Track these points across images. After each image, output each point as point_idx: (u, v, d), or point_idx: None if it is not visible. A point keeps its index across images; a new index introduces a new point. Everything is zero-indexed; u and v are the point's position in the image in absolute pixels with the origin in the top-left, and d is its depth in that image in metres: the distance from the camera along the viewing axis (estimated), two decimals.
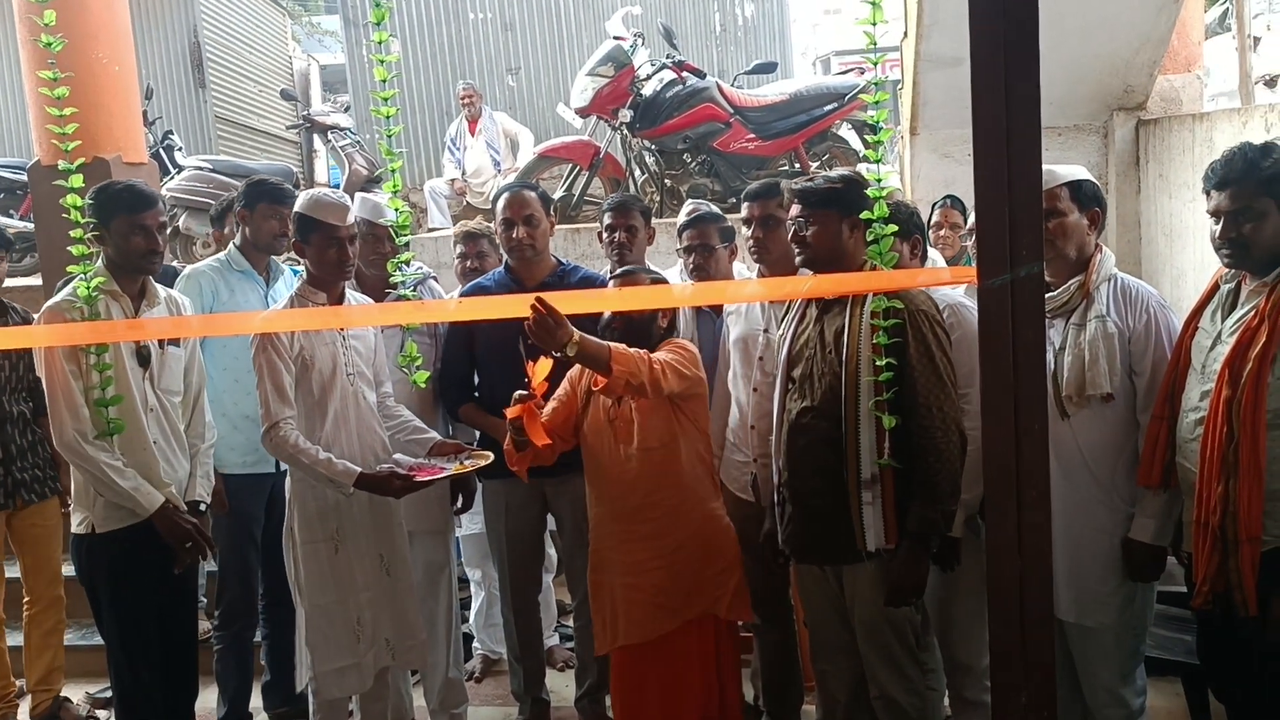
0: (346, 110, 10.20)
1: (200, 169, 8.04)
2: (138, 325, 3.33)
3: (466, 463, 3.44)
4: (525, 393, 3.10)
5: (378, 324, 3.65)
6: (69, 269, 3.25)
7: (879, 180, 2.87)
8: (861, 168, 4.24)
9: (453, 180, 8.85)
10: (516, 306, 2.99)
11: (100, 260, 3.33)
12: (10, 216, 8.37)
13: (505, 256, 3.91)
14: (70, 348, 3.20)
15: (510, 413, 3.13)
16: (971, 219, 3.93)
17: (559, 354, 2.94)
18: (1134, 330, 2.97)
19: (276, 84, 12.98)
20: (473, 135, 8.92)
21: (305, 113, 9.71)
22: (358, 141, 9.41)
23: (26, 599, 4.31)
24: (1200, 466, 2.73)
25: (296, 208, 3.46)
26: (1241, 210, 2.66)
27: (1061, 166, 3.09)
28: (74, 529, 3.39)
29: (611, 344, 3.06)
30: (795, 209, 3.06)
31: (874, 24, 2.70)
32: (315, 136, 11.31)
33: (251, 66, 12.61)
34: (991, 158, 2.63)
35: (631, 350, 3.09)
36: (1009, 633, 2.72)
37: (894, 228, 2.96)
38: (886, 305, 2.87)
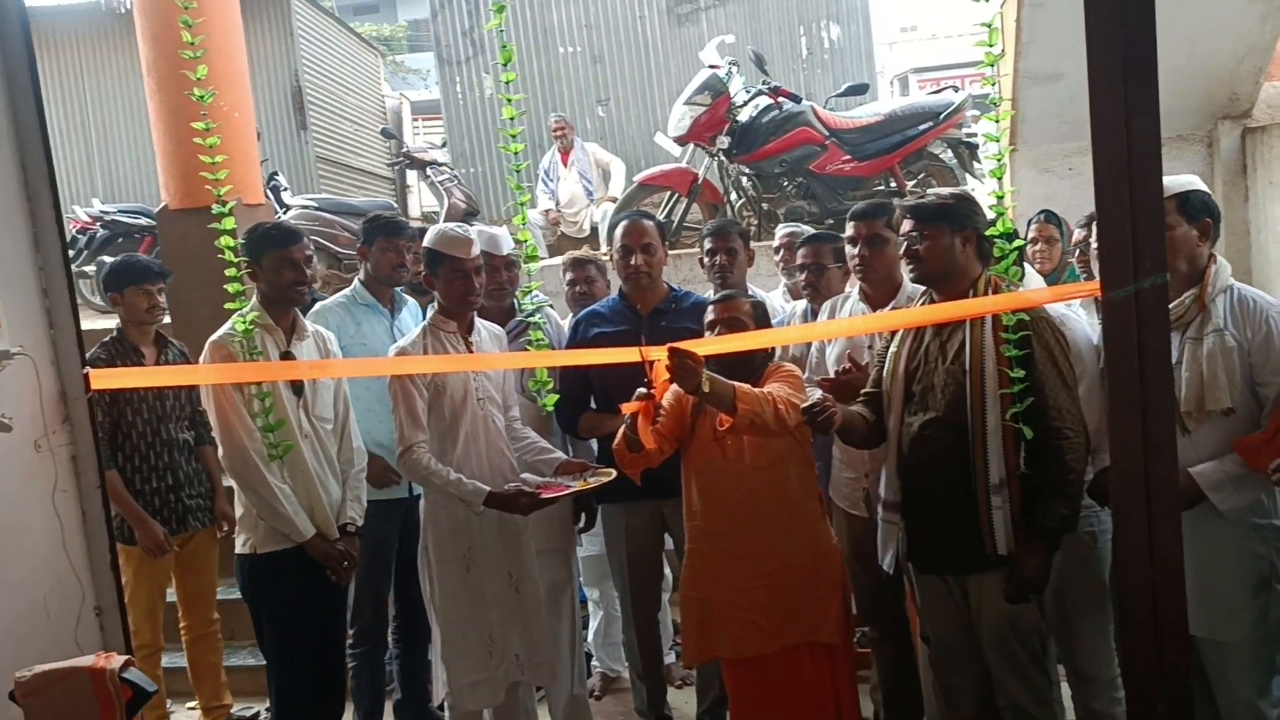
0: (443, 146, 10.48)
1: (307, 208, 8.33)
2: (291, 367, 3.55)
3: (591, 480, 3.54)
4: (646, 391, 3.19)
5: (505, 366, 3.79)
6: (226, 306, 3.47)
7: (1000, 197, 2.93)
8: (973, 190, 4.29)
9: (547, 211, 9.03)
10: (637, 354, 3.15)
11: (255, 296, 3.55)
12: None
13: (621, 283, 4.02)
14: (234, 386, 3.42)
15: (628, 407, 3.23)
16: (1077, 233, 3.94)
17: (693, 394, 3.07)
18: (1254, 343, 2.95)
19: (372, 123, 13.36)
20: (565, 166, 9.10)
21: (405, 149, 9.98)
22: (455, 176, 9.66)
23: (184, 624, 4.50)
24: None
25: (425, 243, 3.62)
26: None
27: (1169, 178, 3.09)
28: (238, 549, 3.60)
29: (737, 384, 3.15)
30: (908, 225, 3.10)
31: (991, 45, 2.77)
32: (409, 172, 11.64)
33: (348, 107, 13.01)
34: (1112, 171, 2.69)
35: (755, 391, 3.17)
36: (1143, 643, 2.74)
37: (1020, 242, 3.02)
38: (1015, 319, 2.92)
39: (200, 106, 3.34)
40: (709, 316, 3.49)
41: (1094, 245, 3.45)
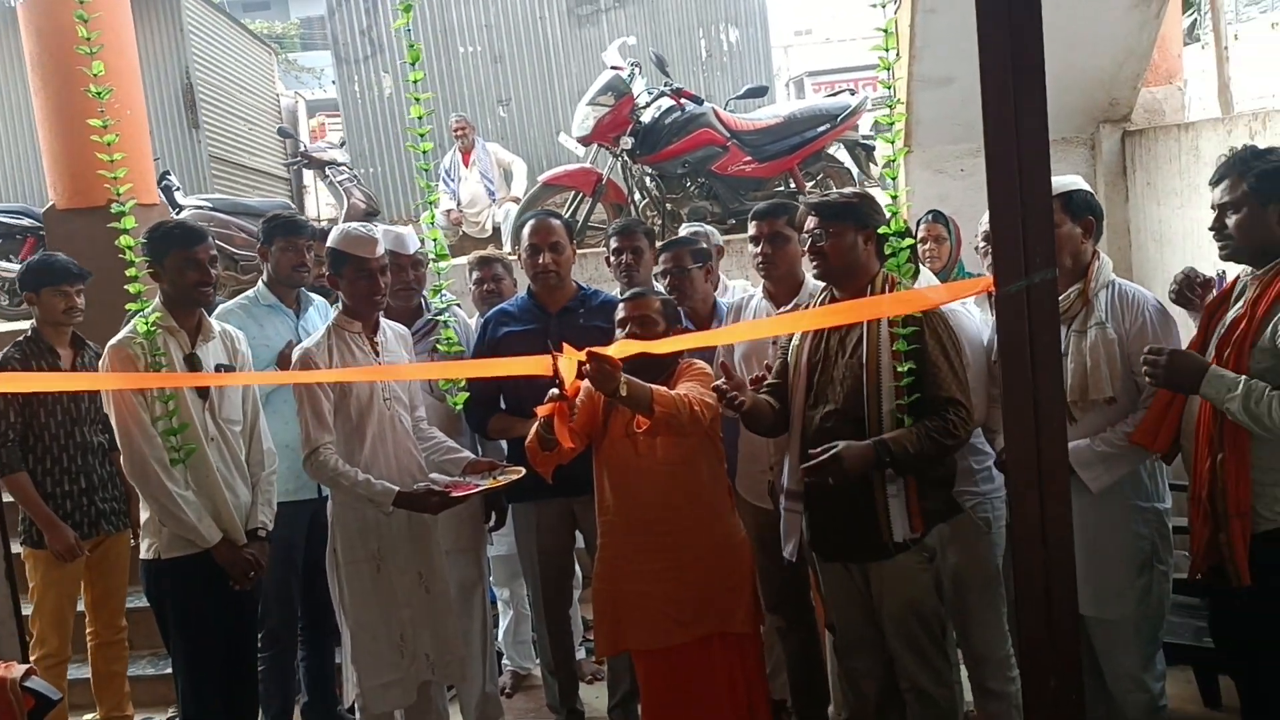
0: (341, 145, 10.34)
1: (201, 208, 8.14)
2: (199, 378, 3.49)
3: (500, 478, 3.55)
4: (558, 392, 3.20)
5: (423, 377, 3.81)
6: (128, 307, 3.39)
7: (894, 196, 3.04)
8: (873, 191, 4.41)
9: (449, 211, 8.98)
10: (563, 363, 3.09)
11: (158, 297, 3.47)
12: (10, 260, 8.41)
13: (529, 282, 4.04)
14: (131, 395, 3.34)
15: (542, 410, 3.24)
16: (982, 229, 4.07)
17: (611, 397, 3.12)
18: (1131, 333, 3.10)
19: (266, 122, 13.12)
20: (466, 166, 9.06)
21: (302, 149, 9.81)
22: (354, 176, 9.54)
23: (91, 629, 4.38)
24: (1194, 444, 2.88)
25: (329, 243, 3.59)
26: (1230, 203, 2.83)
27: (1054, 178, 3.23)
28: (143, 555, 3.52)
29: (654, 386, 3.20)
30: (812, 222, 3.18)
31: (887, 49, 2.88)
32: (306, 172, 11.45)
33: (242, 105, 12.75)
34: (1003, 171, 2.81)
35: (670, 393, 3.23)
36: (1037, 621, 2.87)
37: (910, 241, 3.13)
38: (906, 314, 3.02)
39: (93, 103, 3.26)
40: (620, 314, 3.52)
41: (979, 240, 3.63)
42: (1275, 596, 2.79)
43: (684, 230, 4.27)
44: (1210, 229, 2.92)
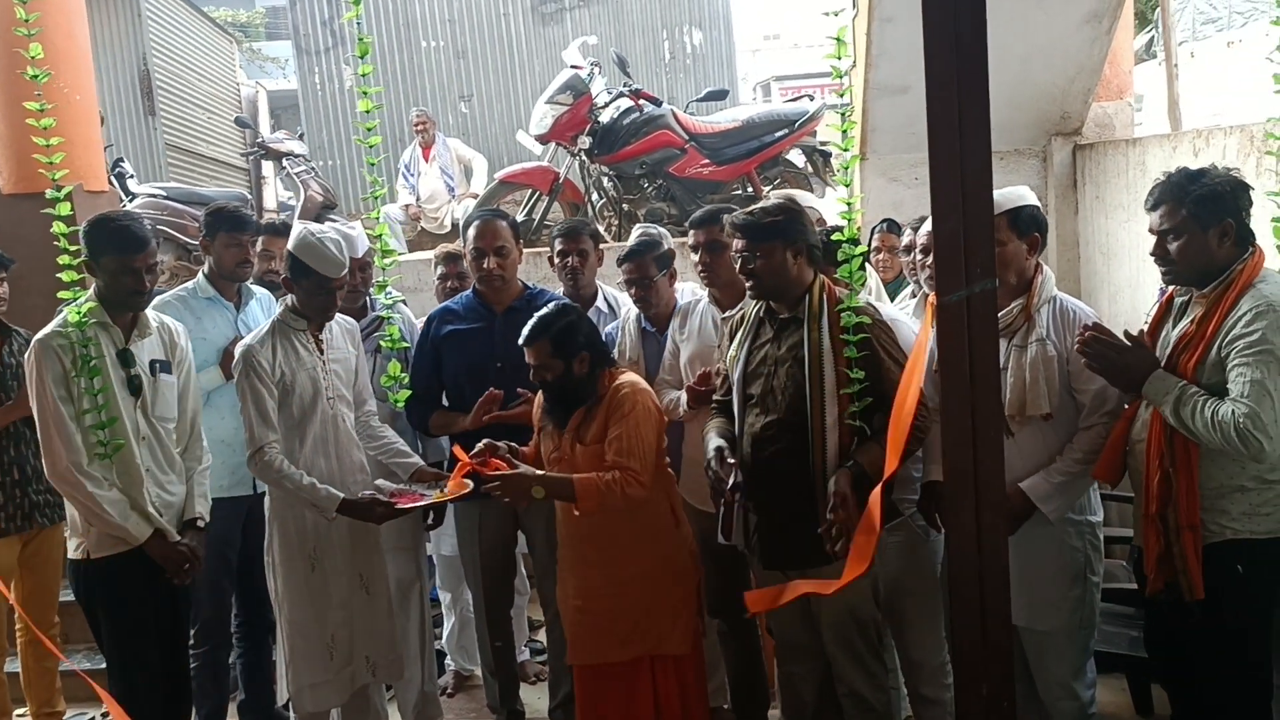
0: (300, 137, 10.24)
1: (154, 196, 8.04)
2: None
3: (446, 490, 3.53)
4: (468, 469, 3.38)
5: None
6: (59, 295, 3.32)
7: (849, 203, 3.06)
8: (799, 195, 4.42)
9: (407, 206, 8.94)
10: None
11: (93, 289, 3.39)
12: None
13: (474, 280, 4.02)
14: (62, 374, 3.26)
15: (452, 488, 3.45)
16: (906, 236, 4.10)
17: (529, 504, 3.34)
18: (1070, 351, 3.13)
19: (225, 111, 12.97)
20: (426, 161, 9.00)
21: (260, 139, 9.71)
22: (312, 168, 9.45)
23: (20, 625, 4.31)
24: (1145, 461, 2.91)
25: (291, 247, 3.52)
26: (1170, 229, 2.86)
27: (1003, 192, 3.25)
28: (70, 554, 3.45)
29: (575, 480, 3.24)
30: (740, 243, 3.18)
31: (839, 58, 2.89)
32: (265, 163, 11.33)
33: (200, 93, 12.61)
34: (946, 183, 2.83)
35: (595, 483, 3.23)
36: (970, 628, 2.90)
37: (863, 248, 3.15)
38: (856, 321, 3.04)
39: (45, 87, 3.22)
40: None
41: (917, 252, 3.65)
42: (1220, 607, 2.83)
43: (636, 232, 4.26)
44: (1152, 254, 2.95)
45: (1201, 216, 2.81)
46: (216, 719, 4.19)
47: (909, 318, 3.61)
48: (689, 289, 4.10)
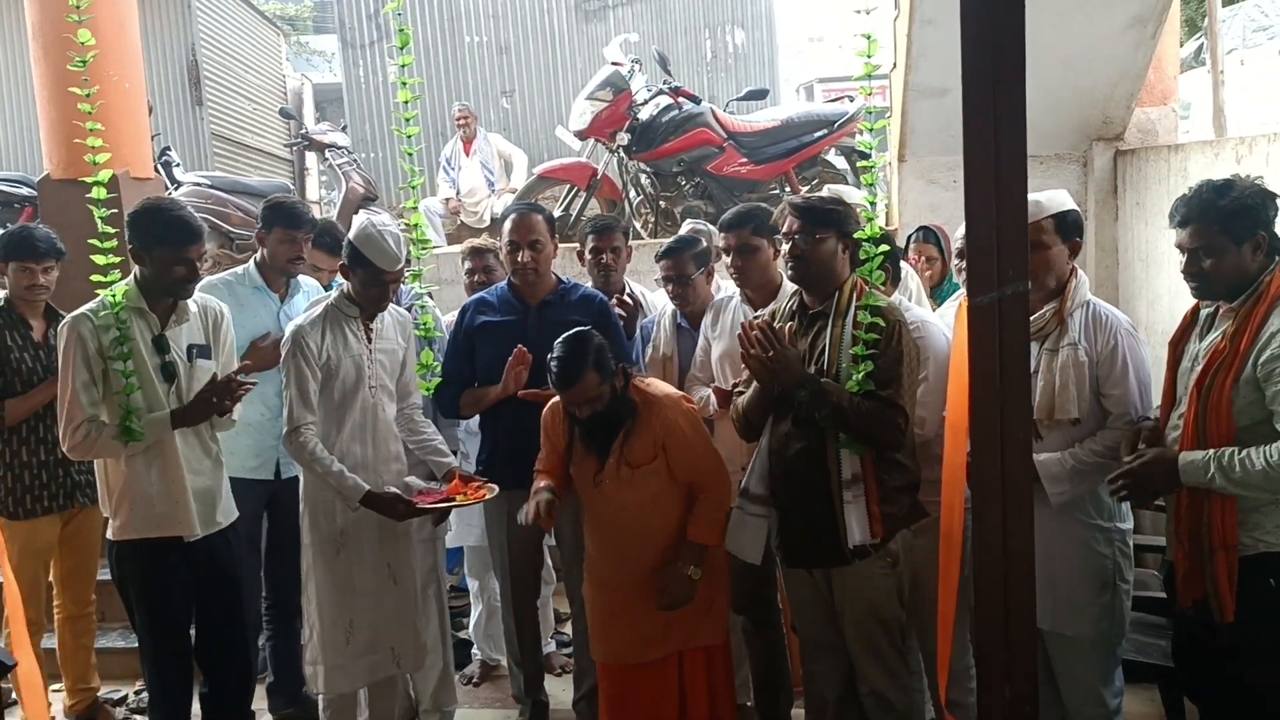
0: (344, 129, 10.34)
1: (199, 185, 8.14)
2: None
3: (474, 494, 3.58)
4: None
5: None
6: (92, 279, 3.38)
7: (871, 203, 3.06)
8: (847, 191, 4.42)
9: (447, 200, 8.99)
10: None
11: (133, 274, 3.45)
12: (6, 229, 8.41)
13: (508, 274, 4.05)
14: (84, 356, 3.32)
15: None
16: (955, 243, 4.09)
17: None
18: (1101, 356, 3.13)
19: (271, 102, 13.10)
20: (467, 156, 9.05)
21: (304, 130, 9.80)
22: (354, 160, 9.55)
23: (58, 602, 4.39)
24: None
25: (352, 235, 3.56)
26: (1202, 247, 2.81)
27: (1046, 194, 3.23)
28: (109, 534, 3.52)
29: (697, 533, 3.35)
30: (795, 224, 3.17)
31: (869, 55, 2.89)
32: (308, 154, 11.46)
33: (247, 85, 12.74)
34: (981, 185, 2.83)
35: (703, 518, 3.35)
36: (994, 631, 2.89)
37: (885, 248, 3.15)
38: (870, 320, 3.05)
39: (94, 75, 3.29)
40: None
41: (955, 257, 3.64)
42: (1251, 622, 2.80)
43: (685, 228, 4.28)
44: (1184, 272, 2.90)
45: (1235, 231, 2.77)
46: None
47: (943, 321, 3.60)
48: (729, 287, 4.11)
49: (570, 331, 3.31)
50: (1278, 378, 2.67)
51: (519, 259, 3.90)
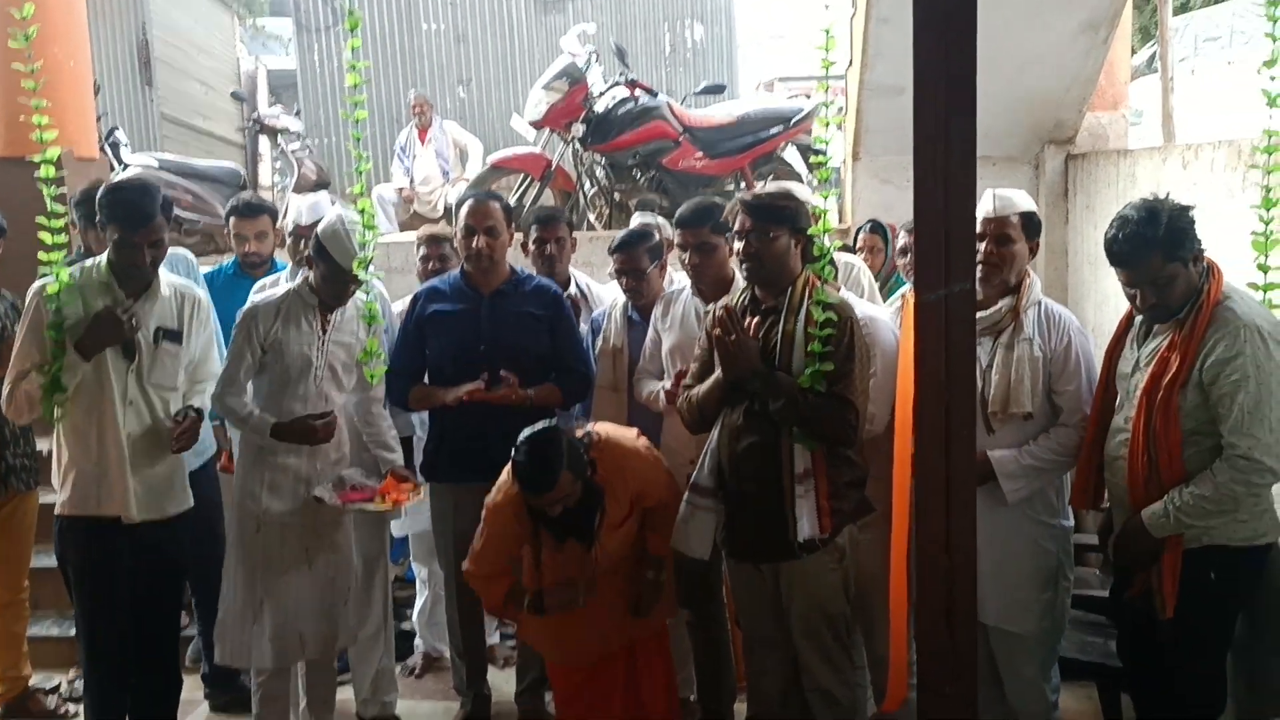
0: (297, 114, 10.21)
1: (148, 167, 7.99)
2: None
3: (388, 499, 3.60)
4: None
5: None
6: (41, 257, 3.32)
7: (825, 197, 3.07)
8: (796, 187, 4.42)
9: (400, 188, 8.91)
10: None
11: (107, 252, 3.41)
12: None
13: (463, 261, 4.01)
14: (37, 331, 3.31)
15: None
16: (901, 239, 4.13)
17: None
18: (1055, 353, 3.19)
19: (223, 85, 12.91)
20: (422, 144, 8.97)
21: (255, 114, 9.67)
22: (307, 146, 9.43)
23: None
24: (1128, 482, 2.94)
25: (320, 229, 3.58)
26: (1150, 283, 2.85)
27: (1010, 192, 3.28)
28: (56, 509, 3.49)
29: (657, 551, 3.41)
30: (746, 222, 3.16)
31: (827, 50, 2.89)
32: (262, 139, 11.29)
33: (199, 67, 12.55)
34: (931, 184, 2.83)
35: (665, 531, 3.37)
36: (936, 628, 2.90)
37: (839, 242, 3.15)
38: (824, 317, 3.05)
39: (36, 52, 3.22)
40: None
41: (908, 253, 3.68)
42: (1195, 612, 2.87)
43: (635, 220, 4.26)
44: (1141, 305, 2.92)
45: (1181, 255, 2.82)
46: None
47: (891, 316, 3.61)
48: (680, 279, 4.10)
49: (535, 431, 3.19)
50: (1222, 381, 2.74)
51: (474, 245, 3.86)
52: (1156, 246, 2.80)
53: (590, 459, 3.27)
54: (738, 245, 3.21)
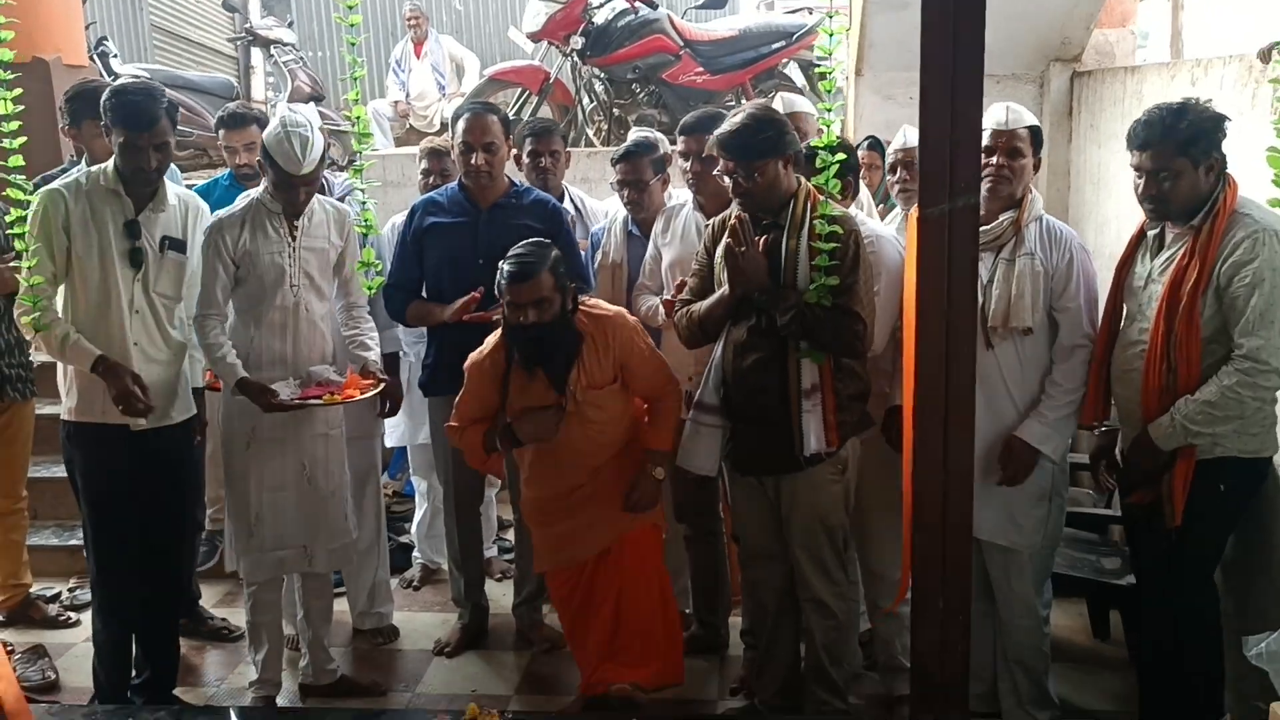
0: (290, 26, 10.01)
1: (138, 79, 7.85)
2: None
3: (337, 395, 3.53)
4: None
5: None
6: (7, 163, 3.29)
7: (829, 109, 3.03)
8: (798, 100, 4.37)
9: (396, 102, 8.81)
10: None
11: (113, 157, 3.37)
12: None
13: (460, 174, 3.95)
14: (48, 242, 3.29)
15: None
16: (890, 158, 4.05)
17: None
18: (1057, 268, 3.18)
19: None
20: (418, 58, 8.85)
21: (248, 25, 9.48)
22: (301, 58, 9.26)
23: None
24: (1143, 395, 2.95)
25: (264, 134, 3.52)
26: (1159, 170, 2.88)
27: (1016, 107, 3.25)
28: (61, 413, 3.50)
29: (659, 441, 3.44)
30: (729, 164, 3.10)
31: None
32: (255, 51, 11.08)
33: None
34: (937, 96, 2.80)
35: (668, 428, 3.44)
36: (931, 542, 2.93)
37: (842, 156, 3.12)
38: (828, 230, 3.02)
39: None
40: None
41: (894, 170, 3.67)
42: (1202, 523, 2.91)
43: (634, 135, 4.20)
44: (1143, 195, 2.95)
45: (1192, 154, 2.85)
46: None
47: (894, 234, 3.58)
48: (681, 194, 4.06)
49: (535, 240, 3.35)
50: (1236, 283, 2.78)
51: (473, 161, 3.81)
52: (1173, 136, 2.84)
53: (575, 304, 3.33)
54: (726, 181, 3.16)
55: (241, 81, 12.23)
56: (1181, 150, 2.84)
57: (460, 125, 3.86)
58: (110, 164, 3.38)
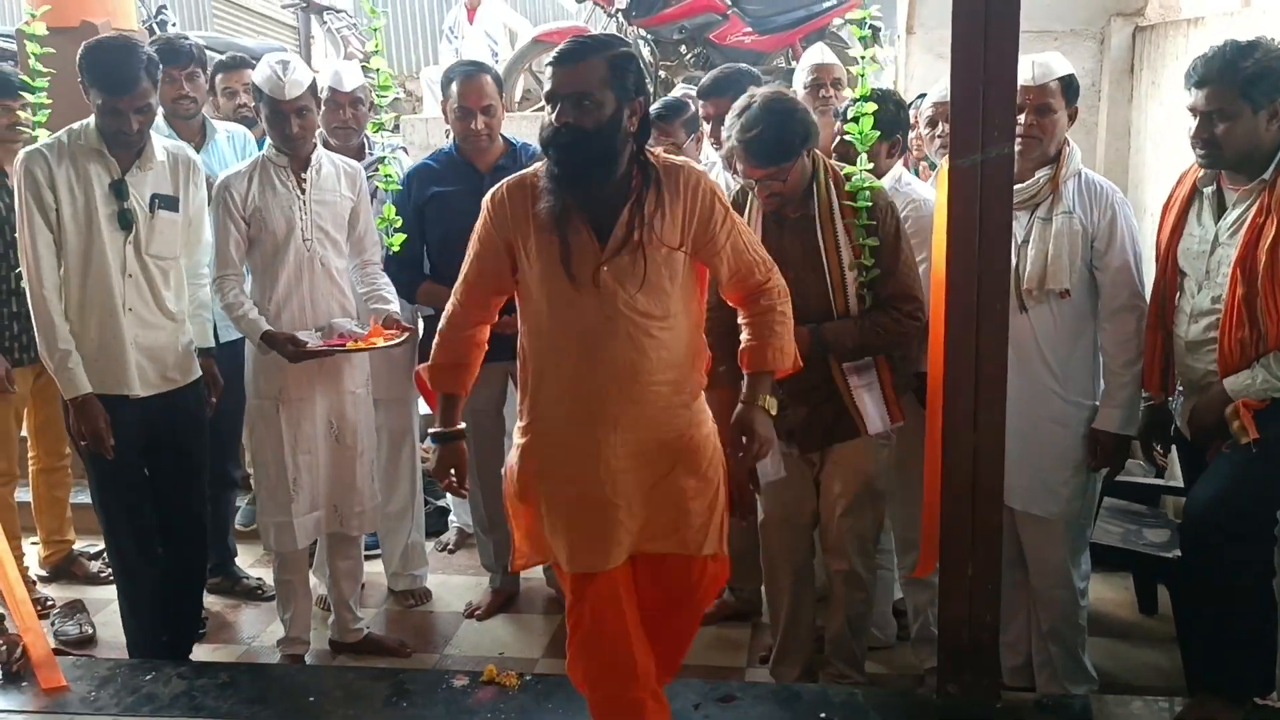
0: None
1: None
2: None
3: (361, 342, 3.46)
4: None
5: None
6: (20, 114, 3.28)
7: (860, 59, 2.94)
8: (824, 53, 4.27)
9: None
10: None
11: (93, 117, 3.28)
12: None
13: (455, 138, 3.83)
14: (39, 202, 3.21)
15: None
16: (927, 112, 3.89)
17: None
18: (1098, 226, 3.02)
19: None
20: (470, 24, 8.80)
21: None
22: (354, 24, 9.28)
23: (32, 454, 4.36)
24: (1221, 365, 2.76)
25: (254, 75, 3.49)
26: (1216, 111, 2.69)
27: (1049, 56, 3.07)
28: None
29: (770, 358, 2.58)
30: (758, 173, 2.99)
31: None
32: (312, 19, 11.14)
33: None
34: (968, 41, 2.67)
35: (785, 331, 2.60)
36: (960, 506, 2.82)
37: (873, 106, 3.01)
38: (864, 204, 2.99)
39: None
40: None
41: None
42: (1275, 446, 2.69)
43: (677, 91, 4.12)
44: (1195, 137, 2.77)
45: (1254, 96, 2.65)
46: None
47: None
48: (712, 154, 3.97)
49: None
50: None
51: (471, 126, 3.69)
52: (1235, 74, 2.66)
53: (643, 129, 2.45)
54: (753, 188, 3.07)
55: (301, 49, 12.30)
56: (1242, 91, 2.64)
57: (454, 89, 3.72)
58: (90, 121, 3.26)
